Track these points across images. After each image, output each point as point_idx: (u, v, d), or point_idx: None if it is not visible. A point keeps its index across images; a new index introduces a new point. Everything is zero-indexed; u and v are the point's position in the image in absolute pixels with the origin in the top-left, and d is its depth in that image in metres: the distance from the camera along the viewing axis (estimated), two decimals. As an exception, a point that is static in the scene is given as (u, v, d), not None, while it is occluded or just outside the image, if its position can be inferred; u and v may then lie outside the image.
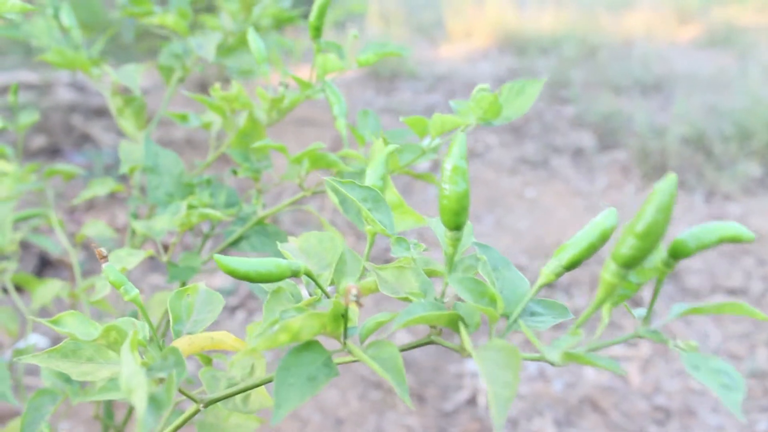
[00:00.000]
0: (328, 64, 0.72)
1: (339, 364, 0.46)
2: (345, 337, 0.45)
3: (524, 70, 4.21)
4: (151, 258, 2.11)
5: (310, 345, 0.42)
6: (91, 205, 2.33)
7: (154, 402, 0.40)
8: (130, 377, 0.37)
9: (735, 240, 0.42)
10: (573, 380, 1.77)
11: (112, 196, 2.36)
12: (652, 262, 0.43)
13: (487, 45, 4.99)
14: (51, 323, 0.46)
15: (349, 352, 0.44)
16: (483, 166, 3.03)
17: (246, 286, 2.09)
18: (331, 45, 0.74)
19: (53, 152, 2.62)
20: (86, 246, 2.08)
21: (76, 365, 0.46)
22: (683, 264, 2.28)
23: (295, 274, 0.49)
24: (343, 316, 0.43)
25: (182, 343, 0.50)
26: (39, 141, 2.63)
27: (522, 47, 4.79)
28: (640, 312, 0.46)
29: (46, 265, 2.03)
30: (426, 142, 0.67)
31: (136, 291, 0.47)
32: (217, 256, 0.44)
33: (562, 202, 2.72)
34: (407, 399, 0.39)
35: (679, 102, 3.42)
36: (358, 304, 0.40)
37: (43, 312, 1.82)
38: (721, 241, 0.42)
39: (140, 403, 0.36)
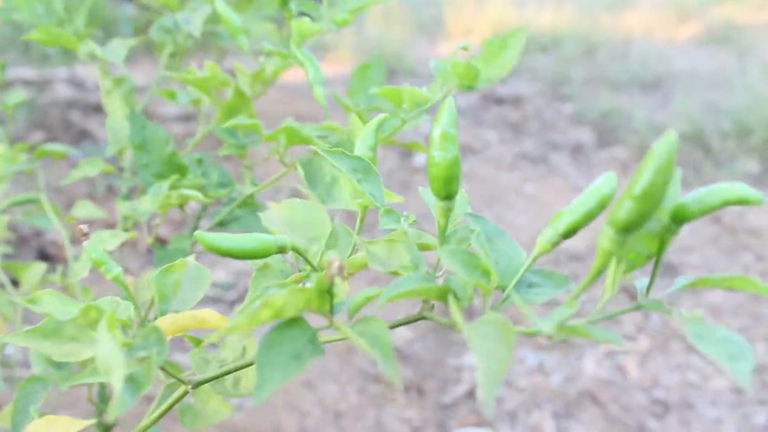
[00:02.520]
0: (303, 29, 0.70)
1: (326, 342, 0.44)
2: (332, 313, 0.42)
3: (523, 68, 4.21)
4: (150, 252, 2.10)
5: (295, 321, 0.40)
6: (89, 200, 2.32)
7: (133, 382, 0.38)
8: (106, 357, 0.36)
9: (741, 202, 0.39)
10: (572, 374, 1.76)
11: (111, 191, 2.36)
12: (653, 229, 0.40)
13: (486, 43, 4.99)
14: (29, 302, 0.44)
15: (337, 330, 0.42)
16: (482, 162, 3.03)
17: (246, 280, 2.08)
18: (305, 4, 0.72)
19: (52, 148, 2.61)
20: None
21: (57, 345, 0.43)
22: (682, 259, 2.27)
23: (281, 251, 0.46)
24: (329, 292, 0.41)
25: (165, 323, 0.48)
26: (37, 136, 2.63)
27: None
28: (642, 283, 0.44)
29: (44, 260, 2.03)
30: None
31: (119, 269, 0.45)
32: (198, 233, 0.42)
33: (561, 198, 2.71)
34: (394, 375, 0.37)
35: (678, 99, 3.42)
36: (342, 278, 0.38)
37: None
38: (726, 203, 0.39)
39: (117, 383, 0.35)
